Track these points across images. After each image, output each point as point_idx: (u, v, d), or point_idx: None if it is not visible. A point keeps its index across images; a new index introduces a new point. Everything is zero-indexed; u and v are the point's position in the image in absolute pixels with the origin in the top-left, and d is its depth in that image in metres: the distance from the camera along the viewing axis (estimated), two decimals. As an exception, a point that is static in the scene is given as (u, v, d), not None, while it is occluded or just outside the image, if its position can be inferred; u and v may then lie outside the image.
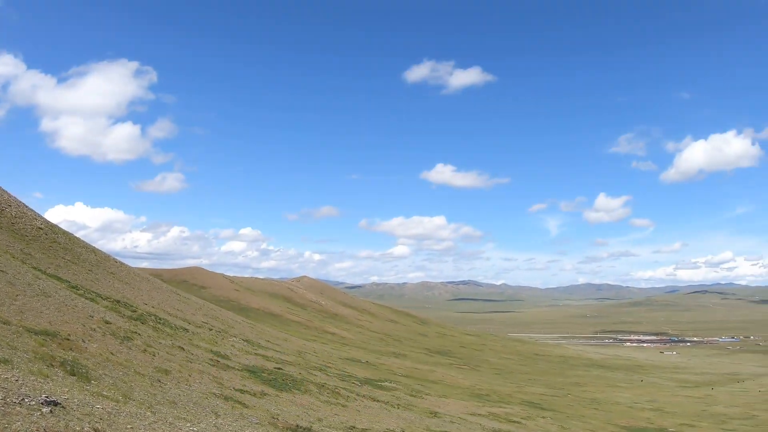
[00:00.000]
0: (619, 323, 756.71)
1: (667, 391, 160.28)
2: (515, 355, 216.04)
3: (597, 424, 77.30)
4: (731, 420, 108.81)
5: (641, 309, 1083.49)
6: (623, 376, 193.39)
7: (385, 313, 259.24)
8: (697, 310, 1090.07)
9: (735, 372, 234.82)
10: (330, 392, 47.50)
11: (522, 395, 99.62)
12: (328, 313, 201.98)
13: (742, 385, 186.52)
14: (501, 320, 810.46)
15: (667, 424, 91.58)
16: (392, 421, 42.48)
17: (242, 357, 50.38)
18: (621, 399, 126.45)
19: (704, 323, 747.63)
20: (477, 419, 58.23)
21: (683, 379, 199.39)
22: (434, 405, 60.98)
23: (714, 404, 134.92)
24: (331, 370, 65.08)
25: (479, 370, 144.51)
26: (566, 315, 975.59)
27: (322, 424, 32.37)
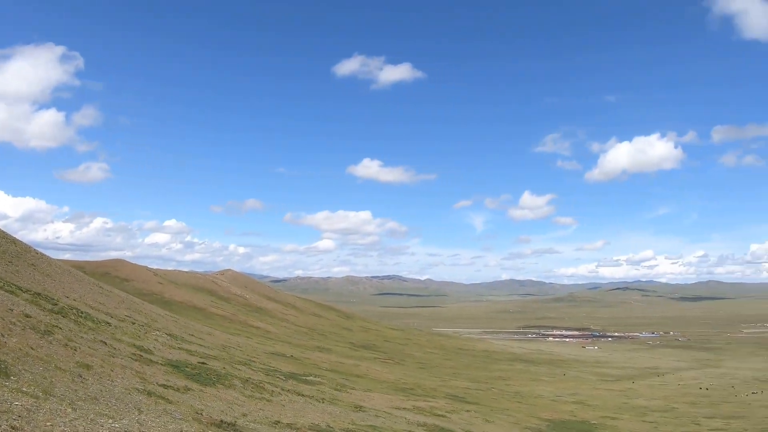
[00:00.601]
0: (542, 319, 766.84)
1: (589, 384, 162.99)
2: (439, 349, 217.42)
3: (521, 417, 78.16)
4: (652, 412, 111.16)
5: (564, 305, 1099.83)
6: (546, 370, 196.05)
7: (309, 307, 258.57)
8: (618, 306, 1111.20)
9: (655, 366, 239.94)
10: (255, 387, 47.13)
11: (446, 389, 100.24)
12: (253, 306, 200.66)
13: (662, 379, 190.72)
14: (425, 315, 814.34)
15: (590, 416, 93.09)
16: (317, 416, 42.32)
17: (166, 351, 49.69)
18: (544, 392, 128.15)
19: (625, 319, 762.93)
20: (402, 413, 58.39)
21: (605, 373, 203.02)
22: (359, 399, 60.96)
23: (635, 397, 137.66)
24: (255, 365, 64.62)
25: (404, 364, 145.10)
26: (490, 310, 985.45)
27: (246, 420, 32.08)
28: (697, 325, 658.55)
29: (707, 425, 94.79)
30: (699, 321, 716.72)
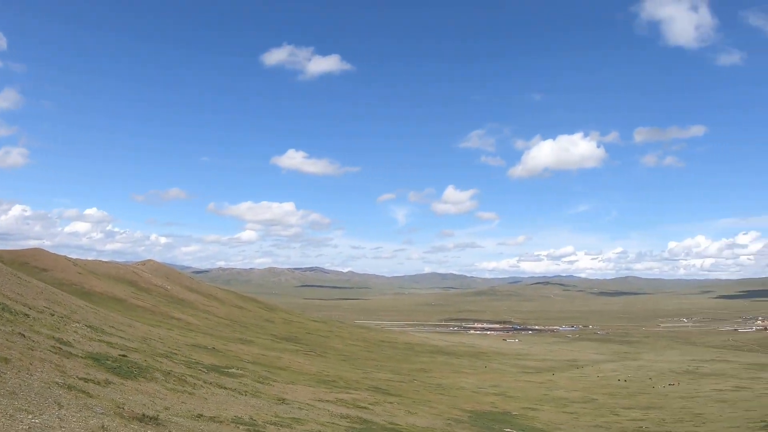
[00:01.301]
0: (464, 311, 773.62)
1: (510, 376, 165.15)
2: (362, 341, 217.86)
3: (443, 409, 78.80)
4: (572, 403, 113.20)
5: (485, 298, 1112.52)
6: (468, 362, 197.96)
7: (231, 298, 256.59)
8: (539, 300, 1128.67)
9: (574, 359, 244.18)
10: (176, 380, 46.61)
11: (369, 381, 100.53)
12: (174, 298, 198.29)
13: (582, 371, 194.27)
14: (348, 307, 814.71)
15: (511, 407, 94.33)
16: (240, 409, 42.06)
17: (86, 344, 48.80)
18: (466, 384, 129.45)
19: (545, 313, 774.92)
20: (325, 405, 58.39)
21: (525, 365, 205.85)
22: (282, 391, 60.75)
23: (555, 389, 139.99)
24: (177, 357, 63.90)
25: (326, 356, 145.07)
26: (412, 303, 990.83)
27: (169, 413, 31.71)
28: (616, 319, 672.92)
29: (626, 415, 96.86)
30: (617, 315, 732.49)
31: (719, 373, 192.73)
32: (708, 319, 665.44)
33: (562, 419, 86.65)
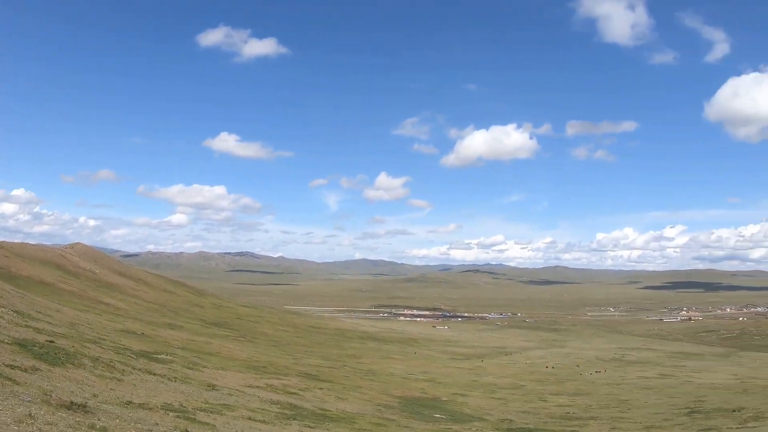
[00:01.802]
0: (394, 298, 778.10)
1: (439, 363, 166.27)
2: (292, 327, 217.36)
3: (373, 395, 79.09)
4: (501, 389, 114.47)
5: (415, 285, 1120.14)
6: (398, 348, 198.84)
7: (161, 283, 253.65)
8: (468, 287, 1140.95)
9: (503, 346, 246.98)
10: (105, 366, 45.99)
11: (299, 367, 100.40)
12: (103, 282, 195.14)
13: (510, 358, 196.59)
14: (278, 293, 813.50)
15: (440, 393, 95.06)
16: (170, 395, 41.73)
17: (12, 329, 47.85)
18: (396, 370, 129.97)
19: (475, 300, 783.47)
20: (255, 391, 58.23)
21: (455, 351, 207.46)
22: (212, 377, 60.40)
23: (484, 375, 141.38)
24: (105, 343, 63.04)
25: (256, 342, 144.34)
26: (342, 289, 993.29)
27: (97, 400, 31.32)
28: (544, 307, 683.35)
29: (553, 401, 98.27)
30: (546, 304, 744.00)
31: (645, 361, 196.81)
32: (634, 309, 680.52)
33: (491, 405, 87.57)
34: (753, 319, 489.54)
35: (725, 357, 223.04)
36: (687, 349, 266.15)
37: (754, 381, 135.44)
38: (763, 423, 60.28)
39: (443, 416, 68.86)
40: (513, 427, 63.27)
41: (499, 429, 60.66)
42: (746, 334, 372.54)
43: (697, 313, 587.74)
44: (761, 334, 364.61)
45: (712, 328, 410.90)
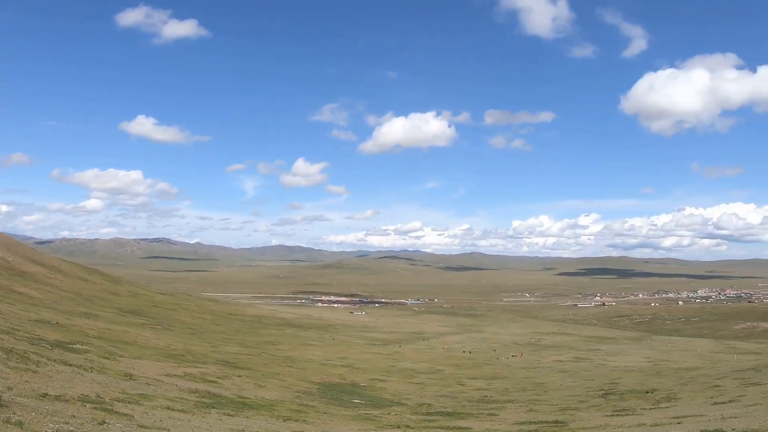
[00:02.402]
0: (312, 284, 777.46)
1: (357, 348, 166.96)
2: (209, 314, 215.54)
3: (292, 381, 79.09)
4: (418, 374, 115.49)
5: (333, 271, 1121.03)
6: (315, 335, 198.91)
7: (75, 270, 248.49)
8: (386, 273, 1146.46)
9: (421, 331, 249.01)
10: (19, 357, 45.12)
11: (217, 355, 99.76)
12: (16, 270, 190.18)
13: (428, 343, 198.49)
14: (195, 279, 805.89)
15: (359, 379, 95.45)
16: (86, 386, 41.16)
17: None
18: (314, 357, 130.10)
19: (392, 286, 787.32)
20: (173, 380, 57.74)
21: (372, 337, 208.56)
22: (129, 367, 59.66)
23: (402, 360, 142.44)
24: (19, 333, 61.78)
25: (173, 330, 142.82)
26: (260, 275, 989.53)
27: (12, 393, 30.78)
28: (461, 293, 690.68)
29: (471, 385, 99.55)
30: (463, 289, 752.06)
31: (560, 345, 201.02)
32: (549, 295, 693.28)
33: (409, 390, 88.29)
34: (664, 304, 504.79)
35: (638, 341, 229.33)
36: (601, 333, 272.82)
37: (666, 363, 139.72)
38: (675, 404, 62.04)
39: (362, 401, 69.26)
40: (431, 411, 63.96)
41: (418, 413, 61.25)
42: (658, 318, 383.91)
43: (611, 299, 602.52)
44: (672, 319, 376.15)
45: (625, 313, 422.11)
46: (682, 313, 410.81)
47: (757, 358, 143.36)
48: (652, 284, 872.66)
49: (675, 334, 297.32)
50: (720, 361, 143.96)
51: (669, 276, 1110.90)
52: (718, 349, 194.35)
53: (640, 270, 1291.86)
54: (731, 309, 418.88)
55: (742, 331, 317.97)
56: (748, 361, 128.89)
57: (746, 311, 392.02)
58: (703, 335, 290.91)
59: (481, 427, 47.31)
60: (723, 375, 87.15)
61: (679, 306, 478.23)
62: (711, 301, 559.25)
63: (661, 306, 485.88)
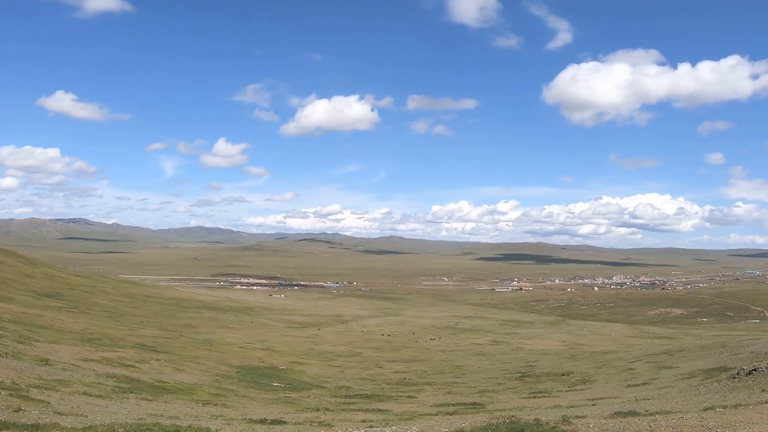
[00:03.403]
0: (231, 267, 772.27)
1: (276, 331, 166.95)
2: (127, 297, 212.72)
3: (211, 365, 78.95)
4: (338, 357, 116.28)
5: (252, 253, 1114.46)
6: (234, 317, 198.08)
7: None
8: (305, 256, 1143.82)
9: (339, 314, 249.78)
10: (-69, 342, 44.38)
11: (135, 338, 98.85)
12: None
13: (347, 326, 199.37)
14: (112, 261, 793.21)
15: (278, 362, 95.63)
16: (1, 372, 40.66)
17: None
18: (233, 340, 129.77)
19: (312, 269, 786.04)
20: (90, 365, 57.22)
21: (292, 320, 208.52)
22: (45, 352, 58.88)
23: (321, 343, 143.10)
24: (-71, 317, 60.61)
25: (90, 313, 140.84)
26: (178, 257, 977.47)
27: (-75, 379, 30.36)
28: (380, 276, 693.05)
29: (390, 368, 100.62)
30: (381, 273, 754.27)
31: (478, 329, 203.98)
32: (468, 279, 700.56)
33: (328, 372, 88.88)
34: (580, 290, 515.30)
35: (554, 325, 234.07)
36: (518, 317, 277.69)
37: (581, 347, 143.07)
38: (590, 386, 63.81)
39: (281, 385, 69.54)
40: (351, 393, 64.59)
41: (337, 396, 61.83)
42: (574, 303, 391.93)
43: (528, 284, 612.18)
44: (587, 304, 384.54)
45: (542, 298, 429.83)
46: (598, 298, 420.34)
47: (670, 342, 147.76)
48: (568, 270, 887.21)
49: (590, 318, 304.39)
50: (634, 345, 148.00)
51: (585, 263, 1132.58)
52: (632, 334, 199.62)
53: (557, 256, 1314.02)
54: (645, 295, 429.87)
55: (656, 316, 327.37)
56: (660, 345, 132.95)
57: (659, 298, 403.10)
58: (618, 320, 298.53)
59: (400, 410, 48.01)
60: (637, 359, 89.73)
61: (594, 292, 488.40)
62: (626, 287, 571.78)
63: (577, 291, 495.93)
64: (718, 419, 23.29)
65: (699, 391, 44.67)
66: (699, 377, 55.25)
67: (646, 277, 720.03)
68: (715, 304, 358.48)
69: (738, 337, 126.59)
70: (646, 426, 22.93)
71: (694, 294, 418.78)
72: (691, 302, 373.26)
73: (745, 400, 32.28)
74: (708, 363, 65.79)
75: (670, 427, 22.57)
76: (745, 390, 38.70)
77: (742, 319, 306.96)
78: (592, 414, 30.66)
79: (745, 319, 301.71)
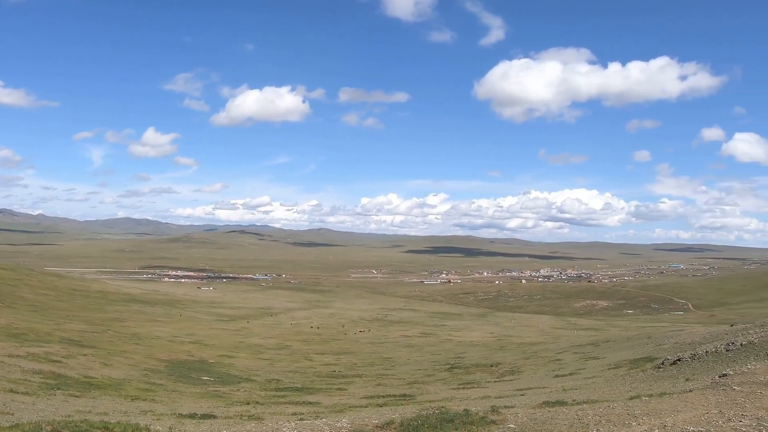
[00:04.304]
0: (159, 259, 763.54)
1: (205, 324, 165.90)
2: (53, 290, 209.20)
3: (139, 359, 78.35)
4: (267, 350, 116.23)
5: (180, 245, 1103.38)
6: (163, 311, 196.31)
7: None
8: (233, 248, 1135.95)
9: (268, 307, 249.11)
10: None
11: (61, 333, 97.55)
12: None
13: (276, 319, 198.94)
14: (38, 253, 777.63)
15: (207, 355, 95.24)
16: (-77, 368, 40.05)
17: None
18: (161, 333, 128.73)
19: (240, 261, 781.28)
20: (16, 361, 56.48)
21: (220, 313, 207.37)
22: (-32, 348, 58.05)
23: (250, 336, 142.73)
24: None
25: (15, 307, 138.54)
26: (106, 249, 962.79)
27: None
28: (309, 269, 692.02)
29: (319, 360, 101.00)
30: (310, 265, 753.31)
31: (407, 321, 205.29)
32: (397, 272, 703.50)
33: (258, 366, 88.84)
34: (508, 282, 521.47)
35: (482, 317, 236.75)
36: (447, 309, 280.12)
37: (509, 338, 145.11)
38: (518, 376, 64.94)
39: (211, 378, 69.40)
40: (281, 387, 64.74)
41: (267, 389, 61.93)
42: (502, 296, 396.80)
43: (457, 277, 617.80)
44: (515, 296, 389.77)
45: (471, 290, 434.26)
46: (525, 291, 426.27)
47: (596, 333, 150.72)
48: (496, 263, 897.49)
49: (518, 310, 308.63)
50: (561, 336, 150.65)
51: (513, 256, 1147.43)
52: (559, 325, 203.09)
53: (486, 249, 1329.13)
54: (572, 288, 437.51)
55: (582, 308, 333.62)
56: (587, 336, 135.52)
57: (586, 290, 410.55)
58: (545, 312, 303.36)
59: (331, 402, 48.38)
60: (564, 349, 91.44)
61: (522, 284, 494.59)
62: (553, 280, 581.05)
63: (505, 284, 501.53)
64: (644, 407, 23.99)
65: (625, 380, 45.84)
66: (625, 367, 56.66)
67: (573, 270, 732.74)
68: (641, 297, 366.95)
69: (662, 329, 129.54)
70: (574, 415, 23.54)
71: (620, 287, 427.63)
72: (616, 295, 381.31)
73: (670, 389, 33.22)
74: (634, 354, 67.41)
75: (597, 415, 23.18)
76: (670, 379, 39.82)
77: (666, 311, 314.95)
78: (520, 404, 31.35)
79: (670, 311, 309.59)
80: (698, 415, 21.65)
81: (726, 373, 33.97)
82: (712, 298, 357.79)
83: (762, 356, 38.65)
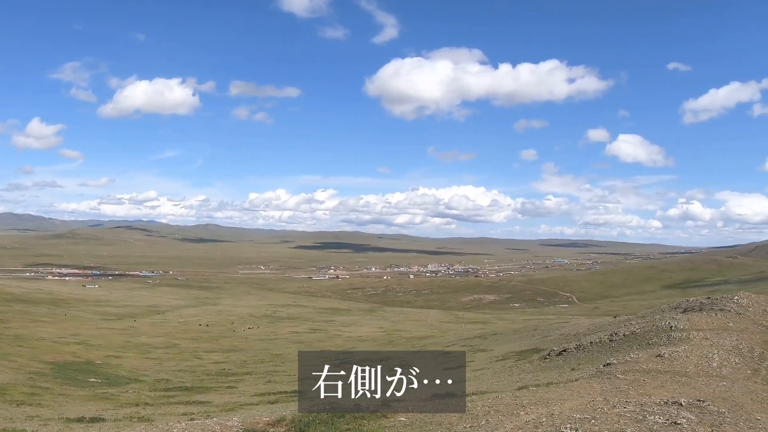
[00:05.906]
0: (42, 256, 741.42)
1: (91, 324, 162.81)
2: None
3: (23, 362, 76.97)
4: (155, 349, 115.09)
5: (64, 242, 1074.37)
6: (46, 310, 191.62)
7: None
8: (120, 244, 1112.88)
9: (156, 304, 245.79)
10: None
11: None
12: None
13: (163, 317, 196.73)
14: None
15: (93, 356, 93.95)
16: None
17: None
18: (45, 334, 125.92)
19: (127, 258, 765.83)
20: None
21: (106, 311, 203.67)
22: None
23: (137, 335, 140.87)
24: None
25: None
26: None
27: None
28: (196, 265, 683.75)
29: (208, 358, 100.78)
30: (198, 261, 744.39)
31: (296, 317, 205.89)
32: (285, 267, 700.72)
33: (146, 365, 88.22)
34: (396, 277, 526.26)
35: (371, 312, 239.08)
36: (335, 305, 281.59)
37: (398, 333, 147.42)
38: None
39: (98, 380, 68.79)
40: (170, 386, 64.67)
41: (156, 389, 61.83)
42: (390, 291, 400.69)
43: (345, 272, 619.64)
44: (403, 291, 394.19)
45: (359, 286, 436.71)
46: (413, 286, 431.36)
47: (483, 327, 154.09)
48: (385, 259, 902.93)
49: (406, 305, 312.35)
50: (449, 330, 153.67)
51: (401, 251, 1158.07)
52: (447, 319, 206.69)
53: (374, 245, 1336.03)
54: (459, 283, 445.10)
55: (470, 302, 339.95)
56: (475, 329, 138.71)
57: (473, 285, 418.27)
58: (433, 306, 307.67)
59: (221, 401, 48.87)
60: (452, 343, 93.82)
61: (410, 279, 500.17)
62: (440, 275, 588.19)
63: (393, 279, 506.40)
64: (532, 397, 25.36)
65: (513, 371, 47.77)
66: (512, 359, 58.76)
67: (461, 265, 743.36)
68: (527, 291, 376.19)
69: (548, 321, 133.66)
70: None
71: (506, 281, 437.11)
72: (503, 289, 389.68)
73: (557, 378, 34.95)
74: (521, 345, 69.81)
75: (486, 406, 24.34)
76: (556, 369, 41.76)
77: (551, 304, 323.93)
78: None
79: (555, 304, 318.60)
80: (584, 403, 23.01)
81: (610, 362, 35.99)
82: (595, 291, 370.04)
83: (644, 346, 40.97)
